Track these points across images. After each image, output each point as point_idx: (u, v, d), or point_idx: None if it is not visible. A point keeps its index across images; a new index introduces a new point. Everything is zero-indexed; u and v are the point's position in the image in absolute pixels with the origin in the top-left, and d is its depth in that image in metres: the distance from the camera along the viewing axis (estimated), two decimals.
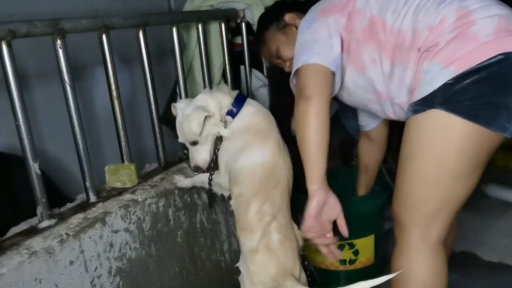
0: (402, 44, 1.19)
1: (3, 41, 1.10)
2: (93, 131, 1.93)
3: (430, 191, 1.18)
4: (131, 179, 1.45)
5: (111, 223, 1.30)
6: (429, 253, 1.20)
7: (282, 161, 1.40)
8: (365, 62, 1.27)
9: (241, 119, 1.45)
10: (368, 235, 1.90)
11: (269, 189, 1.35)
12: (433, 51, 1.13)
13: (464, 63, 1.07)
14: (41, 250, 1.12)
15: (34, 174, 1.19)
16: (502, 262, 2.05)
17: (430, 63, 1.13)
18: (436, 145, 1.14)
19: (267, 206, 1.33)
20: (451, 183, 1.16)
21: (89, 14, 1.38)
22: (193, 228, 1.62)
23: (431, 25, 1.15)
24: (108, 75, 1.41)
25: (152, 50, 1.56)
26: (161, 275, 1.48)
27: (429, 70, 1.13)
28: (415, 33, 1.17)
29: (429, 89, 1.12)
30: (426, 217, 1.20)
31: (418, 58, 1.16)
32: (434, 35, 1.13)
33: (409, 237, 1.22)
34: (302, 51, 1.29)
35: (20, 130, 1.16)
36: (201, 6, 1.93)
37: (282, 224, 1.33)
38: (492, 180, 2.63)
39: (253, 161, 1.38)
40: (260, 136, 1.42)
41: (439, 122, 1.12)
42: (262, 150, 1.39)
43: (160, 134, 1.62)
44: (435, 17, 1.15)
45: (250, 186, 1.35)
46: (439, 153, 1.14)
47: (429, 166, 1.16)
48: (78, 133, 1.31)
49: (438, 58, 1.11)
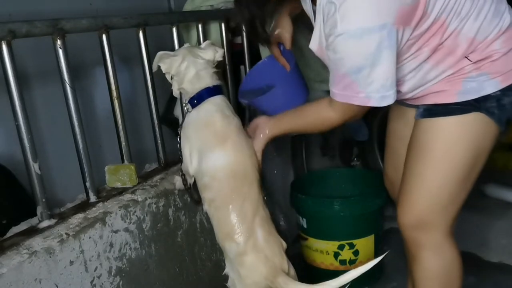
0: (455, 50, 1.19)
1: (3, 41, 1.10)
2: (93, 131, 1.93)
3: (457, 190, 1.27)
4: (131, 179, 1.45)
5: (111, 223, 1.30)
6: (454, 245, 1.32)
7: (248, 158, 1.35)
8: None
9: (199, 114, 1.38)
10: (368, 235, 1.90)
11: (245, 188, 1.32)
12: (484, 62, 1.18)
13: (509, 78, 1.19)
14: (41, 250, 1.12)
15: (34, 174, 1.19)
16: (502, 262, 2.06)
17: (479, 73, 1.19)
18: (474, 144, 1.23)
19: (247, 204, 1.31)
20: (475, 177, 1.28)
21: (89, 14, 1.38)
22: (193, 228, 1.62)
23: (487, 37, 1.18)
24: (108, 75, 1.41)
25: (152, 50, 1.56)
26: (161, 275, 1.48)
27: (476, 78, 1.19)
28: (472, 41, 1.18)
29: (475, 95, 1.19)
30: (453, 215, 1.29)
31: (464, 65, 1.19)
32: (488, 48, 1.18)
33: (436, 237, 1.30)
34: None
35: (20, 130, 1.16)
36: (201, 6, 1.93)
37: (263, 217, 1.32)
38: (492, 180, 2.63)
39: (213, 164, 1.32)
40: (216, 139, 1.35)
41: (482, 124, 1.22)
42: (223, 154, 1.33)
43: (160, 134, 1.62)
44: (492, 29, 1.18)
45: (221, 189, 1.32)
46: (476, 151, 1.24)
47: (467, 164, 1.24)
48: (78, 133, 1.31)
49: (488, 69, 1.18)
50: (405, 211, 1.32)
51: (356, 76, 1.13)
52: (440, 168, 1.25)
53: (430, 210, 1.28)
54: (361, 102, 1.16)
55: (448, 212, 1.29)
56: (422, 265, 1.32)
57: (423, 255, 1.31)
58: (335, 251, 1.90)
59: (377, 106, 1.16)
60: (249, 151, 1.38)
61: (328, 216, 1.88)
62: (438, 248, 1.30)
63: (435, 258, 1.31)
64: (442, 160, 1.25)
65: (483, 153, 1.26)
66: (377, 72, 1.11)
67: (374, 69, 1.11)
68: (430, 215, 1.28)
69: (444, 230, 1.29)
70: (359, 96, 1.15)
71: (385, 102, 1.15)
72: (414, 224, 1.31)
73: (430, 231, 1.29)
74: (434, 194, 1.27)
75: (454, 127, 1.23)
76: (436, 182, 1.26)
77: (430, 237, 1.30)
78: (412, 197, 1.30)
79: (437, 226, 1.29)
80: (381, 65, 1.11)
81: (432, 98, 1.25)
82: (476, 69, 1.19)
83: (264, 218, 1.32)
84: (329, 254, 1.91)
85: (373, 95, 1.14)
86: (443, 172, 1.25)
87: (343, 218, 1.87)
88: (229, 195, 1.31)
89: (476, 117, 1.20)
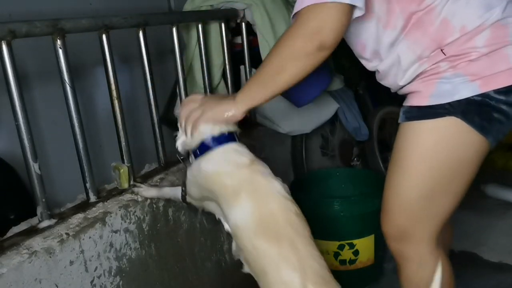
0: (427, 29, 1.10)
1: (3, 41, 1.10)
2: (93, 131, 1.93)
3: (437, 202, 1.18)
4: (122, 180, 1.44)
5: (111, 223, 1.30)
6: (441, 255, 1.24)
7: (276, 205, 1.11)
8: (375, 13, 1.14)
9: (208, 164, 1.17)
10: (368, 235, 1.90)
11: (283, 247, 1.05)
12: (461, 61, 1.09)
13: (490, 83, 1.07)
14: (41, 250, 1.12)
15: (34, 174, 1.19)
16: (502, 262, 2.06)
17: (454, 73, 1.09)
18: (452, 153, 1.14)
19: (289, 270, 1.03)
20: (461, 189, 1.18)
21: (89, 14, 1.38)
22: (193, 228, 1.62)
23: (464, 26, 1.08)
24: (108, 75, 1.41)
25: (152, 50, 1.56)
26: (161, 275, 1.48)
27: (452, 79, 1.10)
28: (446, 25, 1.08)
29: (448, 98, 1.10)
30: (436, 227, 1.22)
31: (439, 60, 1.11)
32: (467, 43, 1.08)
33: (419, 249, 1.23)
34: None
35: (20, 130, 1.16)
36: (201, 6, 1.93)
37: (316, 270, 1.05)
38: (492, 180, 2.64)
39: (234, 223, 1.11)
40: (228, 193, 1.13)
41: (458, 131, 1.12)
42: (239, 210, 1.10)
43: (160, 134, 1.61)
44: (473, 19, 1.07)
45: (249, 254, 1.09)
46: (455, 161, 1.14)
47: (444, 174, 1.16)
48: (78, 133, 1.31)
49: (464, 69, 1.09)
50: (386, 221, 1.27)
51: None
52: (415, 177, 1.17)
53: (410, 222, 1.21)
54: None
55: (430, 224, 1.21)
56: (406, 276, 1.28)
57: (407, 266, 1.26)
58: (335, 251, 1.91)
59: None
60: (276, 196, 1.12)
61: (328, 216, 1.88)
62: (422, 260, 1.23)
63: (419, 270, 1.24)
64: (417, 169, 1.16)
65: (465, 163, 1.15)
66: None
67: None
68: (410, 227, 1.22)
69: (427, 241, 1.22)
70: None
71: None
72: (396, 235, 1.25)
73: (413, 243, 1.23)
74: (412, 204, 1.19)
75: (427, 133, 1.14)
76: (412, 193, 1.18)
77: (414, 249, 1.23)
78: (391, 207, 1.24)
79: (420, 238, 1.22)
80: None
81: (409, 99, 1.18)
82: (451, 67, 1.09)
83: (316, 271, 1.06)
84: (329, 254, 1.91)
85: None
86: (418, 181, 1.17)
87: (343, 218, 1.87)
88: (262, 260, 1.06)
89: (450, 122, 1.10)
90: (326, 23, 1.02)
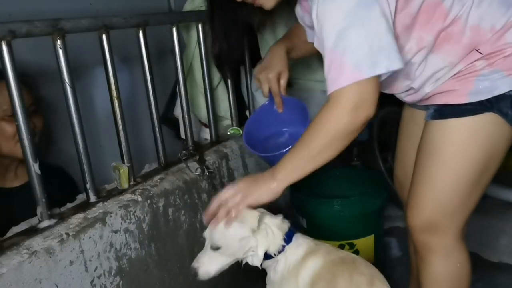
0: (459, 39, 1.14)
1: (3, 41, 1.10)
2: (93, 131, 1.93)
3: (468, 194, 1.24)
4: (122, 181, 1.44)
5: (111, 223, 1.30)
6: (465, 249, 1.31)
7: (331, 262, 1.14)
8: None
9: (288, 259, 1.19)
10: (368, 235, 1.90)
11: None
12: (497, 58, 1.13)
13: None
14: (41, 250, 1.12)
15: (34, 174, 1.19)
16: (502, 261, 2.06)
17: (492, 70, 1.13)
18: (488, 148, 1.19)
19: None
20: (489, 182, 1.27)
21: (89, 14, 1.38)
22: (193, 228, 1.62)
23: (493, 26, 1.12)
24: (108, 75, 1.41)
25: (152, 50, 1.56)
26: (161, 275, 1.48)
27: (489, 76, 1.13)
28: (477, 30, 1.12)
29: (487, 95, 1.13)
30: (464, 219, 1.27)
31: (474, 60, 1.14)
32: (499, 41, 1.12)
33: (447, 241, 1.27)
34: (375, 50, 1.02)
35: (20, 130, 1.16)
36: (201, 6, 1.93)
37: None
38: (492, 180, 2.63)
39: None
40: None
41: (494, 126, 1.16)
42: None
43: (160, 134, 1.62)
44: (499, 18, 1.12)
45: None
46: (489, 156, 1.20)
47: (480, 168, 1.21)
48: (78, 133, 1.31)
49: (501, 65, 1.12)
50: (415, 214, 1.29)
51: (340, 44, 1.00)
52: (451, 171, 1.21)
53: (440, 213, 1.25)
54: (351, 77, 1.01)
55: (459, 216, 1.26)
56: (431, 269, 1.29)
57: (432, 259, 1.28)
58: None
59: (371, 75, 1.01)
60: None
61: (328, 216, 1.88)
62: (448, 252, 1.27)
63: (445, 263, 1.28)
64: (453, 162, 1.21)
65: (496, 156, 1.21)
66: (361, 34, 1.00)
67: (357, 30, 0.99)
68: (440, 218, 1.25)
69: (454, 234, 1.26)
70: (346, 71, 1.01)
71: (378, 69, 1.01)
72: (424, 227, 1.27)
73: (441, 235, 1.26)
74: (445, 197, 1.24)
75: (465, 129, 1.18)
76: (446, 185, 1.23)
77: (440, 241, 1.27)
78: (422, 200, 1.27)
79: (448, 229, 1.26)
80: (365, 26, 1.00)
81: (442, 98, 1.21)
82: (488, 65, 1.13)
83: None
84: None
85: (361, 63, 1.00)
86: (453, 175, 1.21)
87: (343, 218, 1.87)
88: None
89: (488, 118, 1.15)
90: (367, 99, 1.04)
